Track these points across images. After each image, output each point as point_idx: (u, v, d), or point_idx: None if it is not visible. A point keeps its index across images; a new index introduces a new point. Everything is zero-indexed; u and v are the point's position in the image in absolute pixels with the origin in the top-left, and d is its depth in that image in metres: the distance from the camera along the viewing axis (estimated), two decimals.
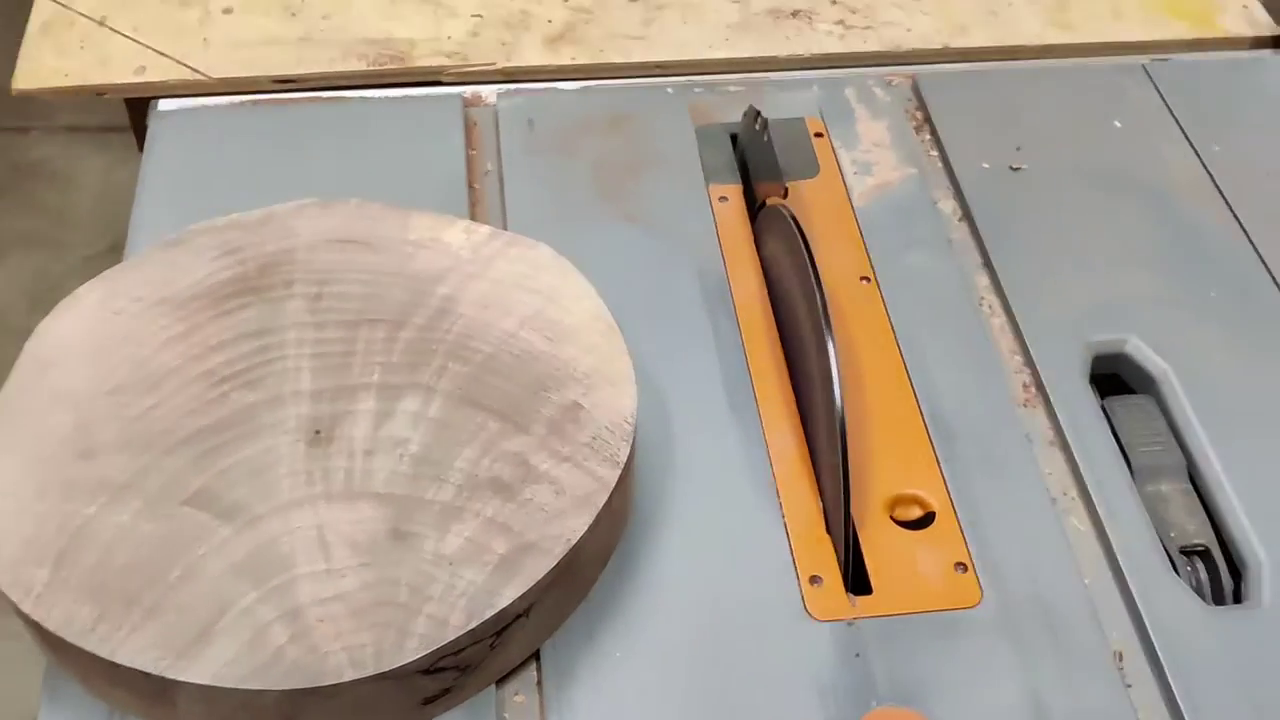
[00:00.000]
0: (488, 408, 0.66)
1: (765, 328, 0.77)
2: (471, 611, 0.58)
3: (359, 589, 0.59)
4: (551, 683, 0.63)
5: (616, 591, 0.66)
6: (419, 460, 0.64)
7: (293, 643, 0.57)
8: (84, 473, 0.63)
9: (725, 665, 0.63)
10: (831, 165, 0.88)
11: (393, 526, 0.61)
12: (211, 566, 0.60)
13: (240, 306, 0.70)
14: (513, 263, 0.73)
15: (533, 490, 0.63)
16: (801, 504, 0.69)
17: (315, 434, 0.65)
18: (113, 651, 0.56)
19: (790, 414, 0.73)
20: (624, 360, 0.68)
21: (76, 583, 0.59)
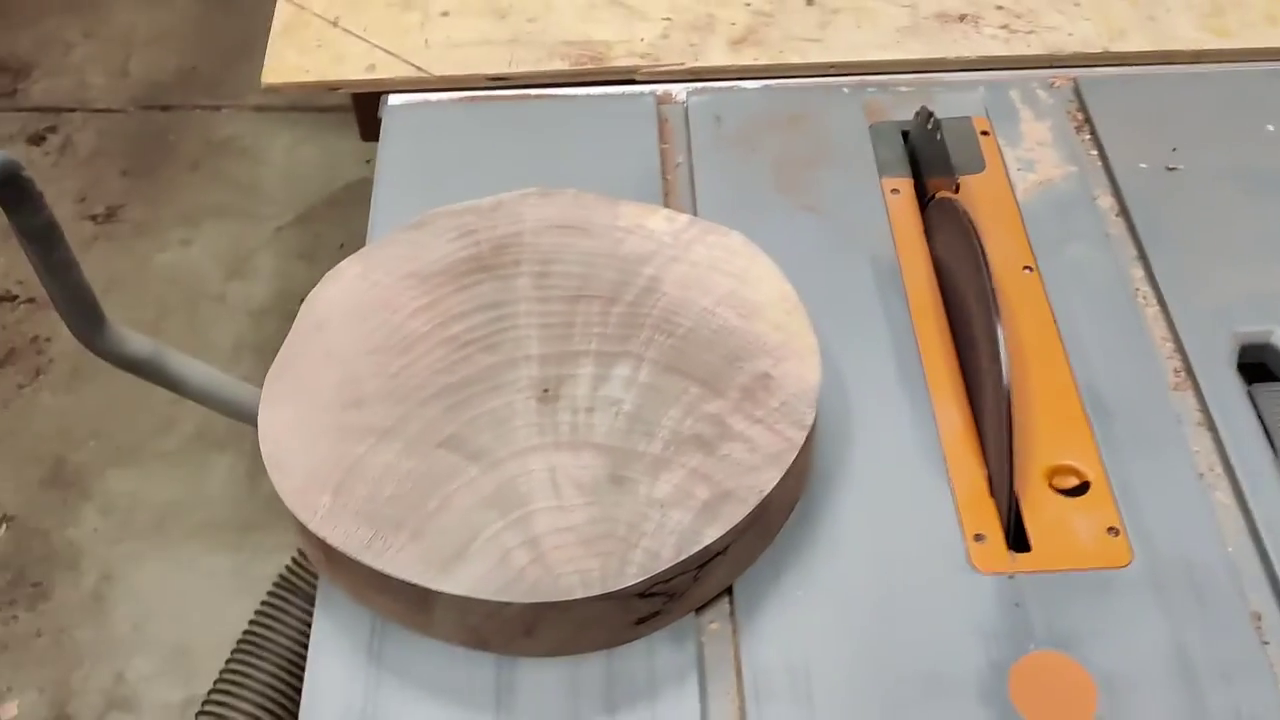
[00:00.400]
0: (689, 375, 0.76)
1: (934, 311, 0.85)
2: (680, 547, 0.68)
3: (586, 523, 0.69)
4: (743, 613, 0.72)
5: (799, 539, 0.75)
6: (632, 418, 0.74)
7: (533, 564, 0.68)
8: (354, 419, 0.75)
9: (895, 607, 0.72)
10: (996, 162, 0.95)
11: (611, 473, 0.72)
12: (463, 499, 0.71)
13: (476, 282, 0.81)
14: (709, 248, 0.83)
15: (729, 447, 0.72)
16: (967, 470, 0.77)
17: (544, 392, 0.75)
18: (385, 565, 0.68)
19: (957, 390, 0.81)
20: (809, 336, 0.77)
21: (353, 508, 0.70)
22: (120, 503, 1.85)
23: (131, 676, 1.68)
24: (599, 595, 0.67)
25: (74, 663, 1.69)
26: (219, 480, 1.87)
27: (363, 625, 0.73)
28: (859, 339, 0.84)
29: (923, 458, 0.78)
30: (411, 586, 0.67)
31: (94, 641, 1.71)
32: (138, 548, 1.79)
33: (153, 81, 2.40)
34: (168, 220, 2.18)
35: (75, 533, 1.81)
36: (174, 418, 1.93)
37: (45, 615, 1.73)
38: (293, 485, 0.72)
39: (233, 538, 1.79)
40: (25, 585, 1.77)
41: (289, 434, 0.74)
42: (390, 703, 0.69)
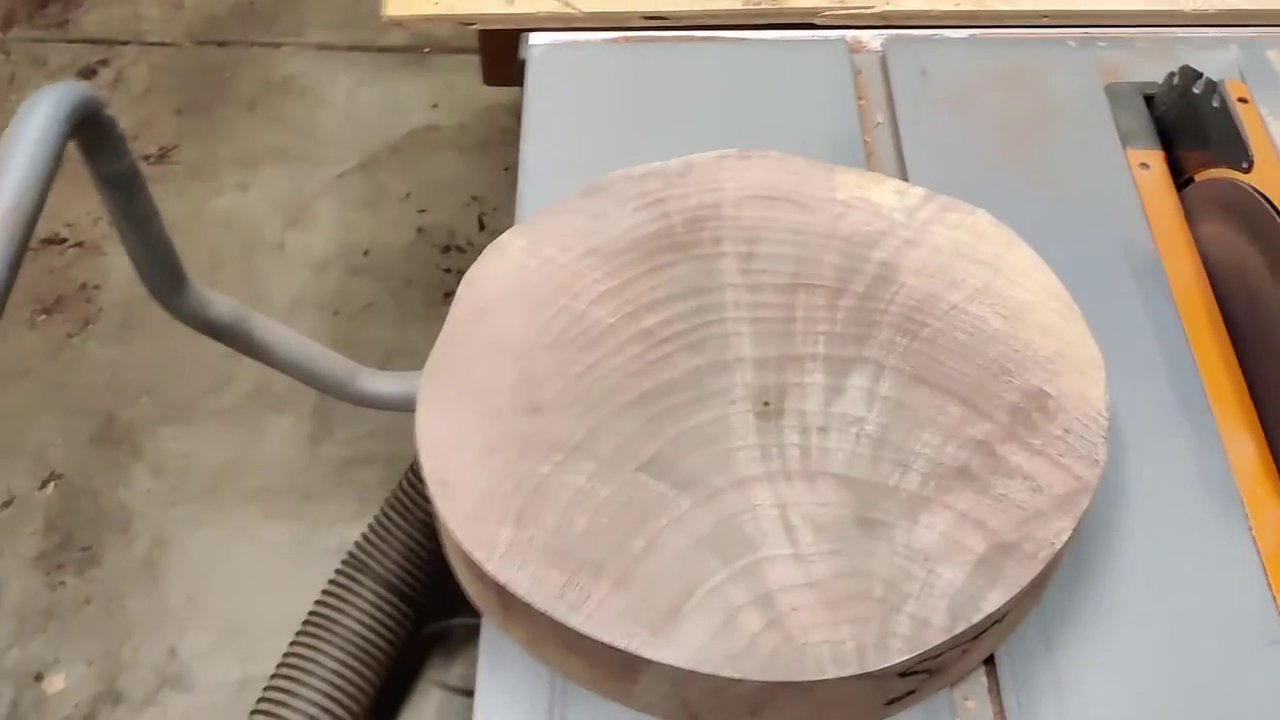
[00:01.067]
0: (944, 389, 0.62)
1: (1209, 317, 0.71)
2: (955, 614, 0.54)
3: (831, 578, 0.56)
4: (1009, 692, 0.58)
5: (1071, 598, 0.61)
6: (878, 442, 0.60)
7: (768, 630, 0.54)
8: (534, 429, 0.61)
9: (1195, 688, 0.59)
10: (1258, 128, 0.80)
11: (858, 513, 0.58)
12: (674, 540, 0.57)
13: (670, 263, 0.67)
14: (951, 229, 0.68)
15: (1005, 484, 0.58)
16: (1272, 517, 0.64)
17: (764, 405, 0.62)
18: (583, 624, 0.54)
19: (1248, 417, 0.67)
20: (1090, 345, 0.63)
21: (540, 545, 0.57)
22: (173, 463, 1.74)
23: (185, 652, 1.57)
24: (854, 675, 0.53)
25: (124, 635, 1.58)
26: (277, 443, 1.75)
27: (541, 686, 0.59)
28: (1120, 349, 0.69)
29: (1214, 503, 0.64)
30: (616, 652, 0.54)
31: (145, 612, 1.60)
32: (191, 512, 1.68)
33: (209, 15, 2.27)
34: (223, 163, 2.06)
35: (126, 494, 1.70)
36: (230, 374, 1.81)
37: (95, 582, 1.63)
38: (464, 512, 0.58)
39: (292, 506, 1.68)
40: (74, 549, 1.66)
41: (456, 446, 0.60)
42: None
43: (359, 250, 1.95)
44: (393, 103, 2.15)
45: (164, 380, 1.81)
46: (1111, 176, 0.78)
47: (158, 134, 2.10)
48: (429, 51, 2.19)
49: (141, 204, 0.95)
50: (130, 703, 1.54)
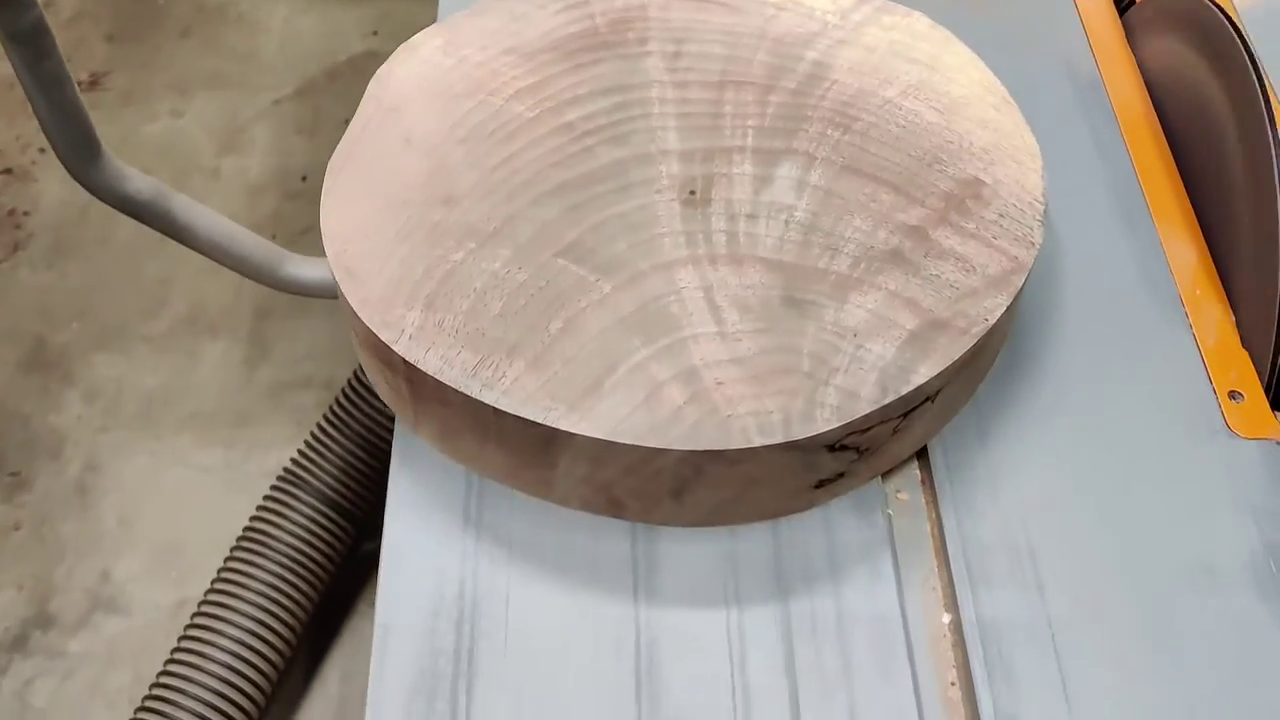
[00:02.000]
0: (876, 178, 0.60)
1: (1150, 130, 0.69)
2: (885, 386, 0.52)
3: (757, 354, 0.53)
4: (942, 481, 0.56)
5: (1005, 392, 0.59)
6: (807, 228, 0.58)
7: (692, 403, 0.52)
8: (447, 218, 0.58)
9: (1136, 478, 0.57)
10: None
11: (786, 294, 0.56)
12: (594, 321, 0.54)
13: (593, 61, 0.64)
14: (886, 30, 0.66)
15: (937, 265, 0.56)
16: (1211, 315, 0.62)
17: (690, 194, 0.59)
18: (498, 399, 0.52)
19: (1188, 221, 0.65)
20: (1027, 135, 0.61)
21: (451, 326, 0.54)
22: (106, 388, 1.69)
23: (119, 575, 1.53)
24: (781, 444, 0.51)
25: (56, 558, 1.54)
26: (211, 368, 1.71)
27: (455, 484, 0.56)
28: (1062, 165, 0.67)
29: (1153, 298, 0.62)
30: (533, 428, 0.51)
31: (77, 536, 1.55)
32: (124, 437, 1.64)
33: None
34: (157, 90, 2.01)
35: (57, 419, 1.65)
36: (164, 299, 1.77)
37: (25, 507, 1.58)
38: (371, 296, 0.55)
39: (226, 430, 1.64)
40: (3, 474, 1.61)
41: (362, 233, 0.58)
42: (500, 578, 0.53)
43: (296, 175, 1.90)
44: (331, 29, 2.10)
45: (96, 306, 1.76)
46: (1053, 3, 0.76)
47: (88, 60, 2.04)
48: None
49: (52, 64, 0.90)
50: (62, 625, 1.50)
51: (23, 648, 1.48)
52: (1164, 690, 0.50)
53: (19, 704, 1.44)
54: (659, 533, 0.55)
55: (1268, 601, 0.53)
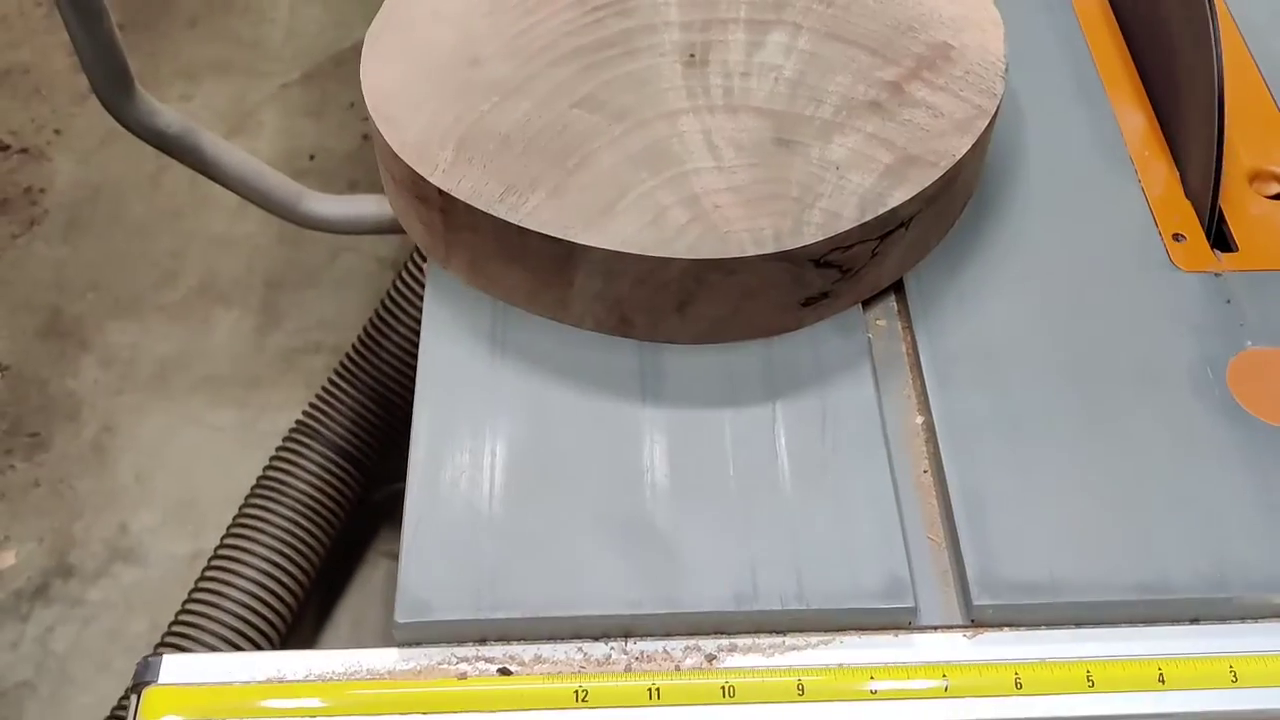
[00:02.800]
0: (856, 43, 0.67)
1: (1104, 16, 0.77)
2: (864, 208, 0.59)
3: (751, 183, 0.60)
4: (917, 306, 0.63)
5: (973, 235, 0.66)
6: (794, 83, 0.65)
7: (693, 222, 0.58)
8: (474, 76, 0.65)
9: (1091, 302, 0.63)
10: None
11: (776, 136, 0.62)
12: (607, 158, 0.61)
13: None
14: None
15: (910, 113, 0.63)
16: (1158, 172, 0.69)
17: (690, 57, 0.66)
18: (523, 219, 0.58)
19: (1139, 96, 0.73)
20: (989, 8, 0.68)
21: (480, 162, 0.61)
22: (121, 354, 1.75)
23: (135, 528, 1.59)
24: (773, 254, 0.57)
25: (74, 513, 1.60)
26: (224, 334, 1.77)
27: (482, 310, 0.63)
28: (1026, 49, 0.74)
29: (1106, 158, 0.69)
30: (552, 244, 0.58)
31: (95, 492, 1.61)
32: (139, 400, 1.69)
33: None
34: (166, 76, 2.07)
35: (74, 383, 1.71)
36: (176, 271, 1.83)
37: (44, 466, 1.64)
38: (408, 139, 0.62)
39: (238, 393, 1.70)
40: (21, 435, 1.67)
41: (399, 89, 0.65)
42: (522, 388, 0.60)
43: (304, 155, 1.97)
44: (336, 18, 2.17)
45: (110, 277, 1.82)
46: None
47: None
48: None
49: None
50: (82, 575, 1.55)
51: (44, 596, 1.53)
52: (1109, 468, 0.57)
53: (41, 649, 1.49)
54: (663, 349, 0.61)
55: (1201, 399, 0.59)
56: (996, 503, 0.55)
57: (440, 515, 0.56)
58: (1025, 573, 0.53)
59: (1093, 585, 0.53)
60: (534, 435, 0.58)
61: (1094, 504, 0.56)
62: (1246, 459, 0.57)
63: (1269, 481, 0.56)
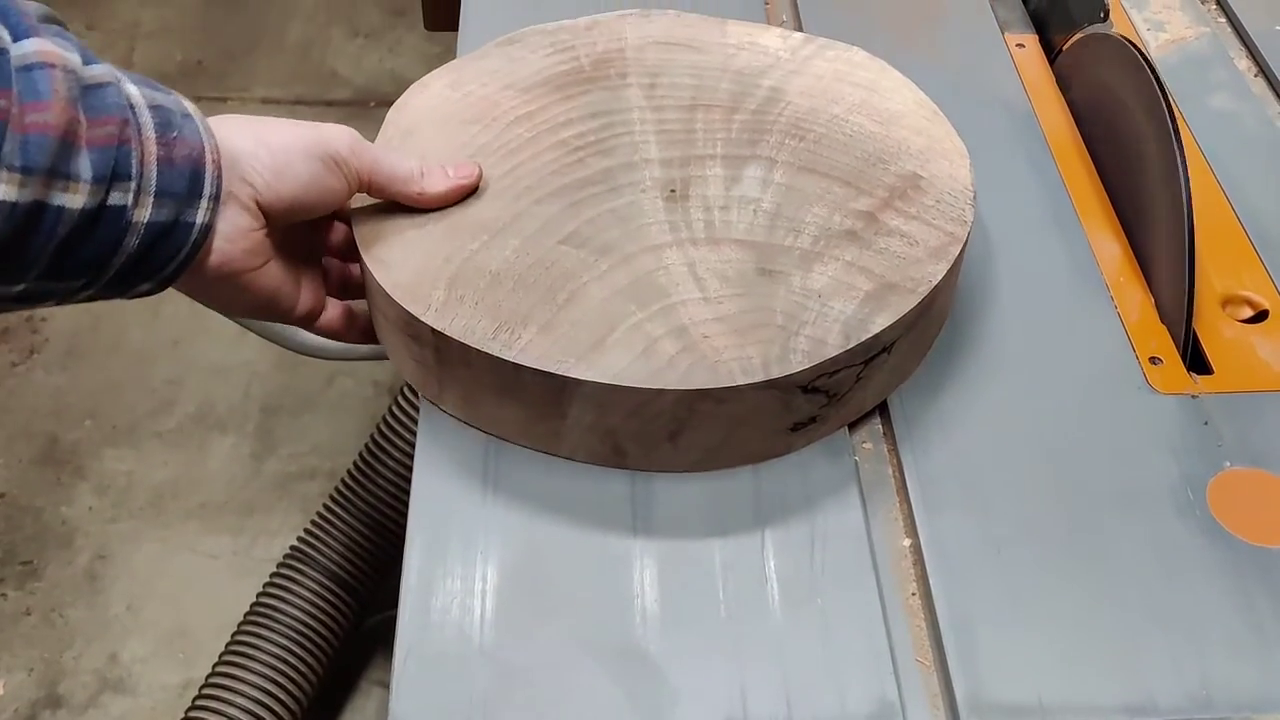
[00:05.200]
0: (830, 175, 0.70)
1: (1077, 150, 0.79)
2: (848, 334, 0.61)
3: (737, 313, 0.62)
4: (901, 429, 0.65)
5: (953, 359, 0.68)
6: (773, 215, 0.67)
7: (683, 353, 0.60)
8: (462, 218, 0.67)
9: (1071, 425, 0.65)
10: (1124, 20, 0.90)
11: (758, 266, 0.65)
12: (595, 292, 0.63)
13: (581, 92, 0.75)
14: (830, 62, 0.77)
15: (886, 241, 0.66)
16: (1133, 297, 0.71)
17: (671, 192, 0.69)
18: (516, 355, 0.60)
19: (1112, 225, 0.75)
20: (955, 139, 0.71)
21: (471, 300, 0.63)
22: (116, 482, 1.75)
23: (126, 658, 1.58)
24: (762, 382, 0.59)
25: (65, 643, 1.59)
26: (220, 461, 1.78)
27: (475, 447, 0.64)
28: (998, 176, 0.77)
29: (1082, 284, 0.71)
30: (545, 379, 0.59)
31: (86, 621, 1.60)
32: (134, 527, 1.70)
33: (157, 72, 2.34)
34: None
35: (69, 511, 1.71)
36: (173, 398, 1.85)
37: (36, 594, 1.63)
38: (400, 280, 0.64)
39: (233, 520, 1.70)
40: (14, 563, 1.66)
41: (390, 231, 0.67)
42: (512, 520, 0.61)
43: None
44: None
45: (108, 405, 1.83)
46: (991, 53, 0.87)
47: None
48: (374, 105, 2.28)
49: None
50: (71, 706, 1.54)
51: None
52: (1094, 589, 0.58)
53: None
54: (654, 477, 0.62)
55: (1183, 520, 0.60)
56: (984, 625, 0.56)
57: (431, 644, 0.56)
58: (1014, 696, 0.54)
59: (1080, 708, 0.54)
60: (525, 564, 0.59)
61: (1080, 625, 0.56)
62: (1229, 579, 0.58)
63: (1252, 601, 0.57)
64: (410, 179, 0.66)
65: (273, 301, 0.65)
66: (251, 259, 0.61)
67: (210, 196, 0.57)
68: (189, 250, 0.58)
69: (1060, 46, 0.85)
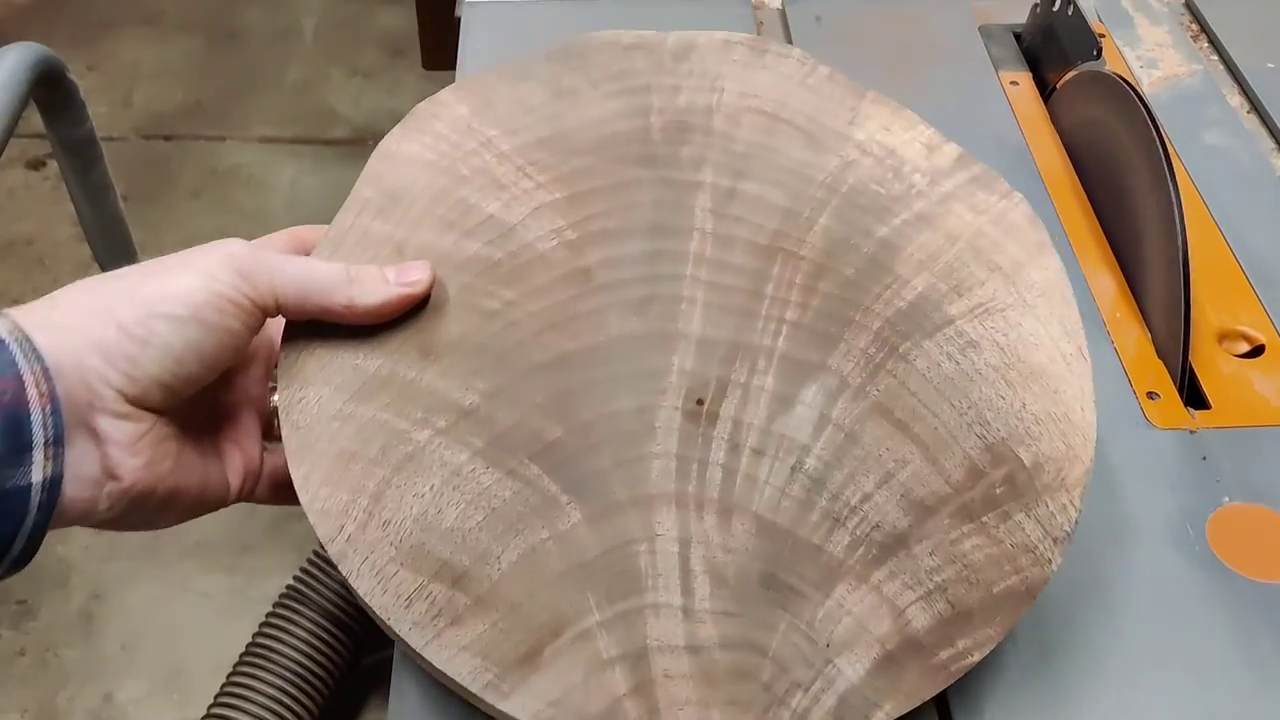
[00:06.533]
0: (907, 429, 0.51)
1: (1070, 184, 0.79)
2: (840, 717, 0.47)
3: (717, 646, 0.47)
4: None
5: None
6: (816, 483, 0.50)
7: (633, 696, 0.46)
8: (421, 377, 0.51)
9: None
10: (1116, 57, 0.90)
11: (768, 569, 0.49)
12: (554, 560, 0.48)
13: (636, 181, 0.56)
14: (976, 214, 0.57)
15: (940, 567, 0.49)
16: (1129, 333, 0.71)
17: (697, 403, 0.51)
18: (426, 644, 0.47)
19: (1107, 259, 0.75)
20: (1088, 411, 0.53)
21: (395, 534, 0.48)
22: None
23: (121, 698, 1.57)
24: None
25: (59, 683, 1.58)
26: None
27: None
28: None
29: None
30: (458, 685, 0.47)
31: (81, 661, 1.59)
32: (129, 567, 1.69)
33: (156, 112, 2.36)
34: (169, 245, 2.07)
35: (64, 550, 1.71)
36: None
37: (30, 634, 1.62)
38: (314, 474, 0.49)
39: (229, 558, 1.70)
40: (9, 603, 1.66)
41: (322, 378, 0.50)
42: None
43: None
44: (336, 189, 2.22)
45: None
46: (985, 91, 0.87)
47: None
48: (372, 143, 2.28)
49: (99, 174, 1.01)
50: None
51: None
52: (1093, 626, 0.57)
53: None
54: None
55: (1183, 555, 0.60)
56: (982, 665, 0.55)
57: None
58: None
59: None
60: None
61: (1079, 664, 0.56)
62: (1230, 615, 0.58)
63: (1253, 638, 0.57)
64: (333, 286, 0.50)
65: (200, 498, 0.51)
66: (155, 468, 0.47)
67: (46, 443, 0.43)
68: (35, 519, 0.43)
69: (1054, 84, 0.85)
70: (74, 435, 0.44)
